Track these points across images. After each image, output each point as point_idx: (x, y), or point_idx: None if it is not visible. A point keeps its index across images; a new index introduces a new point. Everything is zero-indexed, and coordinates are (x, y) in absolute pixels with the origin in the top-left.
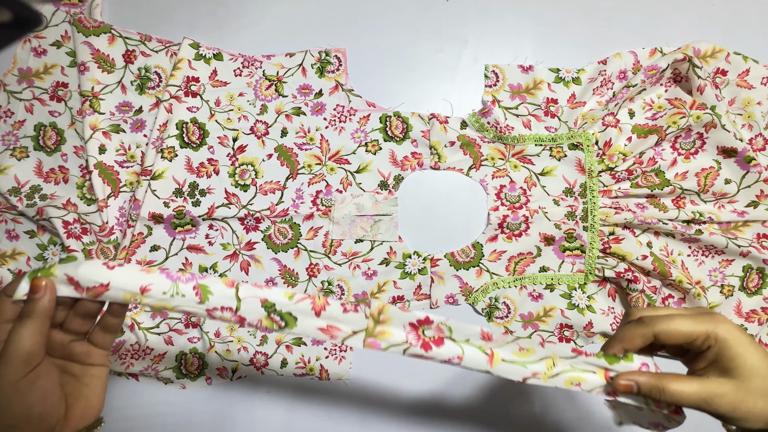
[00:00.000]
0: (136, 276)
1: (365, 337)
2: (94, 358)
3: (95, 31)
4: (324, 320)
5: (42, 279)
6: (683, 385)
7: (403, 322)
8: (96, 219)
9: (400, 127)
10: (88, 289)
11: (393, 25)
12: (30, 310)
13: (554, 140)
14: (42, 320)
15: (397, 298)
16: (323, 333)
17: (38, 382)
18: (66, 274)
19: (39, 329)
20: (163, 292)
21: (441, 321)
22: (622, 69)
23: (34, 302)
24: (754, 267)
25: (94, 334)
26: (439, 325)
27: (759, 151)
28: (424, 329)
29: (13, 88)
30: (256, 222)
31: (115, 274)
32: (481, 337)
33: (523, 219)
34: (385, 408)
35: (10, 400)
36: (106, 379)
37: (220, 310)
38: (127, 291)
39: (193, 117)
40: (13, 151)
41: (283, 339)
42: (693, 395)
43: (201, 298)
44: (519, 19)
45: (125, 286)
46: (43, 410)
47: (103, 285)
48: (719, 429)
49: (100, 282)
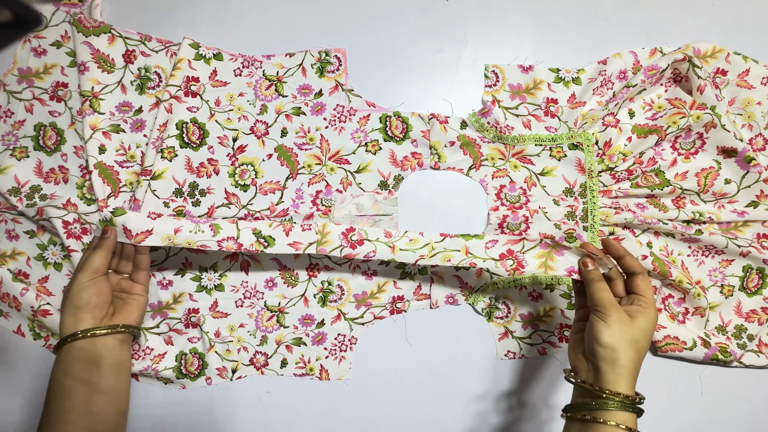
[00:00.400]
0: (170, 222)
1: (317, 246)
2: (135, 290)
3: (95, 31)
4: (291, 239)
5: (108, 226)
6: (604, 290)
7: (338, 233)
8: (96, 219)
9: (400, 127)
10: (137, 234)
11: (393, 25)
12: (101, 243)
13: (554, 140)
14: (107, 250)
15: (397, 298)
16: (291, 247)
17: (98, 285)
18: (123, 224)
19: (105, 255)
20: (189, 230)
21: (360, 228)
22: (622, 69)
23: (104, 239)
24: (754, 267)
25: (133, 274)
26: (359, 231)
27: (759, 151)
28: (351, 236)
29: (13, 88)
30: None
31: (156, 222)
32: (385, 236)
33: (523, 219)
34: (385, 408)
35: (80, 292)
36: (144, 305)
37: (226, 240)
38: (164, 234)
39: (193, 117)
40: (13, 151)
41: (282, 339)
42: (602, 300)
43: (214, 232)
44: (519, 19)
45: (163, 230)
46: (98, 302)
47: (149, 230)
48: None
49: (146, 228)
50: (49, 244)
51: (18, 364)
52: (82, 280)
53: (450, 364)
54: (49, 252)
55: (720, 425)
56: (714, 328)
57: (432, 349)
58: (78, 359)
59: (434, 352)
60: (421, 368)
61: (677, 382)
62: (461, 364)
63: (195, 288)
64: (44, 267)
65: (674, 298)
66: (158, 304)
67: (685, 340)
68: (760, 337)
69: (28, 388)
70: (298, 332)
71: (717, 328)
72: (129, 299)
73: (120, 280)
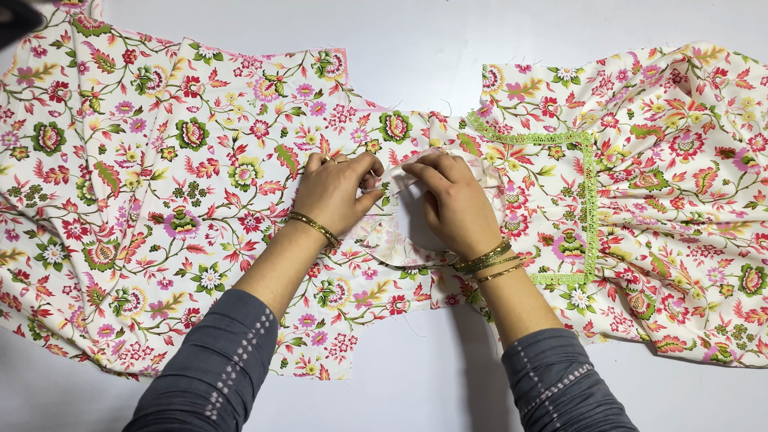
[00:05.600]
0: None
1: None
2: (370, 184)
3: (95, 31)
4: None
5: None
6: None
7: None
8: (96, 219)
9: (400, 127)
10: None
11: (393, 25)
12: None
13: (553, 140)
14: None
15: (398, 298)
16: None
17: (352, 198)
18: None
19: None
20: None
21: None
22: (621, 69)
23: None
24: (753, 267)
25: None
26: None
27: (759, 151)
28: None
29: (13, 88)
30: (256, 222)
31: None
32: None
33: (521, 219)
34: (385, 408)
35: (345, 209)
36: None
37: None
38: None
39: (193, 117)
40: (13, 151)
41: (283, 339)
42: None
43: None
44: (519, 19)
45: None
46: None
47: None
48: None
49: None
50: (49, 244)
51: (18, 364)
52: (346, 197)
53: (450, 364)
54: (49, 252)
55: (720, 425)
56: (714, 328)
57: (432, 349)
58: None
59: (434, 352)
60: (421, 368)
61: (677, 382)
62: (461, 364)
63: (195, 288)
64: (44, 267)
65: (674, 298)
66: (158, 304)
67: (685, 340)
68: (760, 337)
69: (28, 388)
70: (298, 332)
71: (717, 328)
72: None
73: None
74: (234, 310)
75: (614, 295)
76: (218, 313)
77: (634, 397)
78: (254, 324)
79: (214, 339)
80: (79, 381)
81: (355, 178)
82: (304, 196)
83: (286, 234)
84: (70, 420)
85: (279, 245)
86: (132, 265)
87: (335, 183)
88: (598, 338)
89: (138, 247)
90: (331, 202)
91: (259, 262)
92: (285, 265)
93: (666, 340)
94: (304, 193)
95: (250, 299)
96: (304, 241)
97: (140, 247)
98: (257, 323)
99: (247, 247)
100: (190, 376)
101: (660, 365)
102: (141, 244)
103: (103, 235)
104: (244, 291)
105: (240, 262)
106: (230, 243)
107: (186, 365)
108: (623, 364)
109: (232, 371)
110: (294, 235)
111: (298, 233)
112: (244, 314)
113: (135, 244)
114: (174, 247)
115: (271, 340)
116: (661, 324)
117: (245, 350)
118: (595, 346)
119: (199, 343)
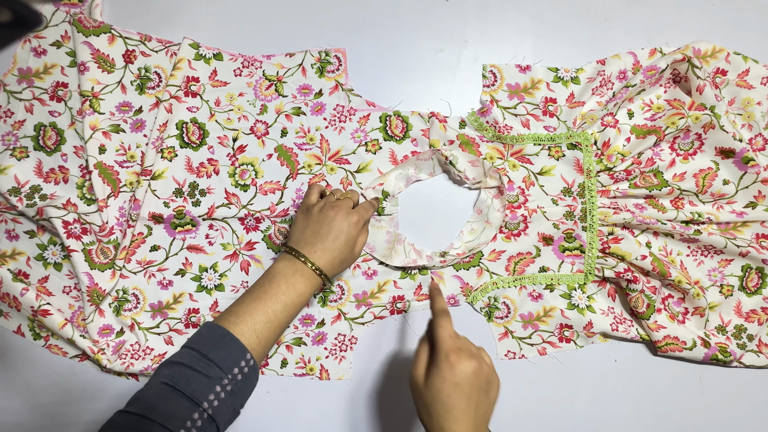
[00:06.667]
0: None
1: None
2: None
3: (95, 31)
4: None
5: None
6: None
7: None
8: (96, 219)
9: (400, 127)
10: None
11: (393, 25)
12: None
13: (553, 140)
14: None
15: (398, 298)
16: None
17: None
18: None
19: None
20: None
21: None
22: (621, 69)
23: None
24: (753, 266)
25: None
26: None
27: (759, 151)
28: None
29: (13, 88)
30: (257, 222)
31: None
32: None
33: (521, 218)
34: (385, 408)
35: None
36: (366, 237)
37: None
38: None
39: (193, 117)
40: (13, 151)
41: (283, 339)
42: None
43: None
44: (519, 19)
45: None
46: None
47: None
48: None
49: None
50: (49, 244)
51: (18, 364)
52: (355, 230)
53: None
54: (49, 252)
55: (720, 425)
56: (714, 328)
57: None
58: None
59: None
60: None
61: (677, 382)
62: None
63: (195, 288)
64: (44, 267)
65: (674, 298)
66: (158, 304)
67: (685, 340)
68: (760, 337)
69: (28, 388)
70: (298, 332)
71: (717, 328)
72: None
73: None
74: (213, 350)
75: (614, 295)
76: (196, 351)
77: (634, 397)
78: (232, 369)
79: (187, 381)
80: (79, 381)
81: (362, 226)
82: (304, 232)
83: (282, 272)
84: (70, 420)
85: (275, 284)
86: (132, 265)
87: (341, 227)
88: (598, 338)
89: (138, 247)
90: (335, 246)
91: (249, 299)
92: (278, 309)
93: (666, 340)
94: (304, 227)
95: (232, 341)
96: (302, 285)
97: (140, 247)
98: (235, 368)
99: (247, 247)
100: (152, 419)
101: (660, 365)
102: (141, 244)
103: (103, 235)
104: (227, 330)
105: (240, 262)
106: (230, 243)
107: (152, 406)
108: (623, 364)
109: (198, 419)
110: (292, 277)
111: (297, 275)
112: (223, 357)
113: (135, 244)
114: (174, 247)
115: (249, 385)
116: (661, 324)
117: (217, 397)
118: (595, 346)
119: (170, 382)
